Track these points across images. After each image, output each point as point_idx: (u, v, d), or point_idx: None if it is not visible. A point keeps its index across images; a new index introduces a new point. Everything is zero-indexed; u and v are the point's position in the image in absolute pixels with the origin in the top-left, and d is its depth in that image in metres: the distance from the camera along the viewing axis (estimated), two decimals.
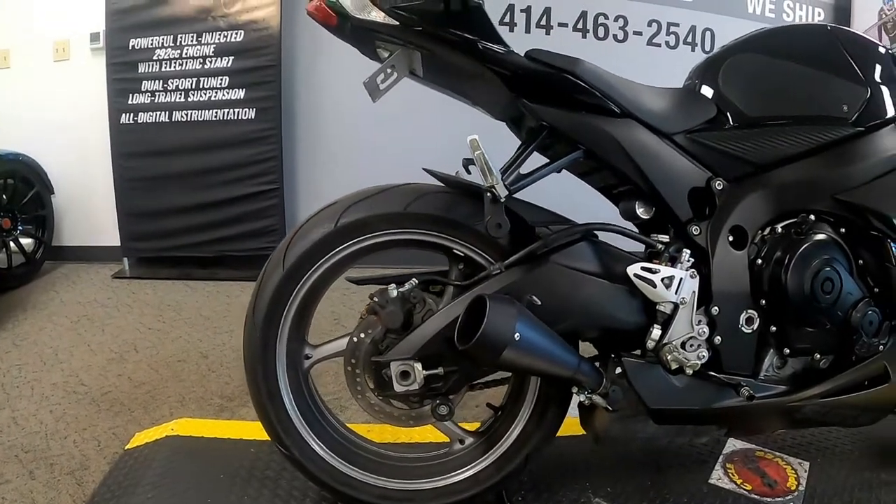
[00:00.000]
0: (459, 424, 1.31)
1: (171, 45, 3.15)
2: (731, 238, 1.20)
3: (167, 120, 3.14)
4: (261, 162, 3.08)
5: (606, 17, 3.63)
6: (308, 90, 3.39)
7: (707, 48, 3.73)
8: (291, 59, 3.32)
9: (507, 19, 3.42)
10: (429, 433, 1.42)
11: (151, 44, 3.16)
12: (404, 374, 1.07)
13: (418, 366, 1.07)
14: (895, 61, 1.31)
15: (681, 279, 1.15)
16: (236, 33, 3.09)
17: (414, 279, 1.13)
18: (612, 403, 1.15)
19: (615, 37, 3.64)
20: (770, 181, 1.23)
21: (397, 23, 1.04)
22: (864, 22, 3.83)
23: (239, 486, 1.35)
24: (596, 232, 1.20)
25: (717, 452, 1.56)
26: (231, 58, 3.10)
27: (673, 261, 1.18)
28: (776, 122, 1.24)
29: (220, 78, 3.10)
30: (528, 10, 3.46)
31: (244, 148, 3.09)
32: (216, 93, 3.10)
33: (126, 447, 1.57)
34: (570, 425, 1.29)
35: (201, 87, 3.12)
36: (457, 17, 1.03)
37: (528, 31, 3.45)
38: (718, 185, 1.22)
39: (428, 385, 1.08)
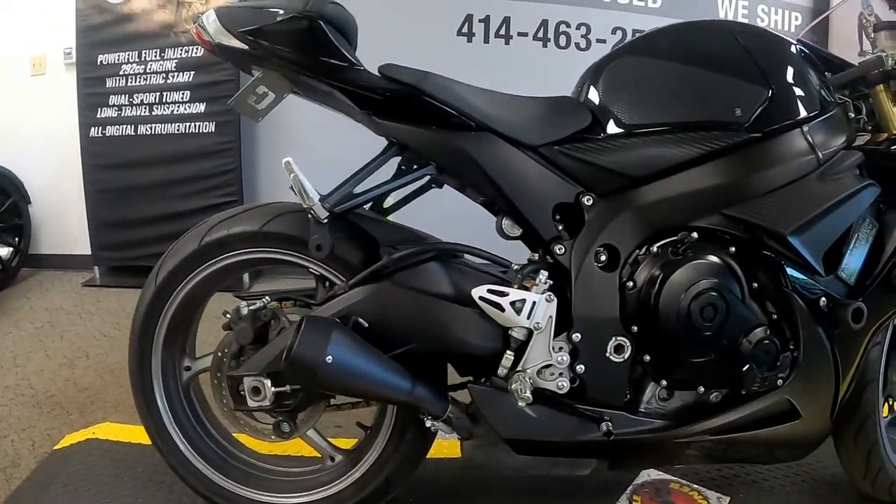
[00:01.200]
0: (331, 441, 1.32)
1: (136, 60, 3.27)
2: (599, 258, 1.12)
3: (133, 133, 3.26)
4: (221, 174, 3.19)
5: (568, 26, 3.63)
6: None
7: None
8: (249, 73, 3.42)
9: (465, 30, 3.46)
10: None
11: (118, 59, 3.28)
12: (255, 390, 1.12)
13: (268, 382, 1.10)
14: (808, 56, 1.22)
15: (534, 302, 1.08)
16: (196, 48, 3.19)
17: (267, 297, 1.17)
18: (460, 431, 1.12)
19: (577, 45, 3.62)
20: (648, 195, 1.13)
21: (246, 47, 1.08)
22: (843, 25, 3.78)
23: (137, 489, 1.45)
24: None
25: (629, 481, 1.47)
26: (192, 72, 3.21)
27: (528, 283, 1.12)
28: (657, 130, 1.14)
29: (181, 92, 3.21)
30: (486, 20, 3.50)
31: (205, 160, 3.19)
32: (178, 107, 3.21)
33: (54, 448, 1.68)
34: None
35: (164, 101, 3.23)
36: (297, 36, 1.06)
37: (486, 41, 3.48)
38: (588, 200, 1.13)
39: (278, 402, 1.11)
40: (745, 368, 1.12)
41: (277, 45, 1.07)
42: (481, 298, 1.07)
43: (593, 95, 1.20)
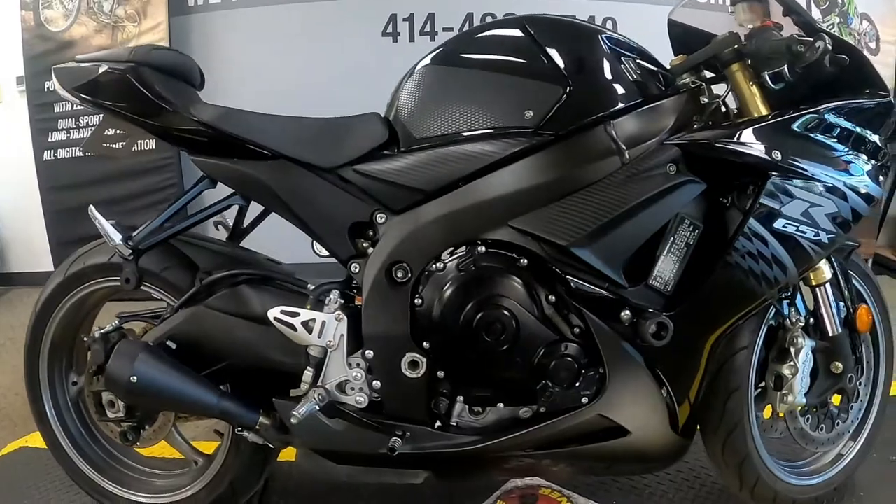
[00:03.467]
0: (193, 445, 1.43)
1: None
2: (390, 275, 1.11)
3: (82, 155, 3.44)
4: (163, 189, 3.36)
5: (494, 17, 3.72)
6: None
7: None
8: None
9: (389, 30, 3.56)
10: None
11: None
12: (111, 403, 1.28)
13: None
14: (621, 43, 1.16)
15: (324, 322, 1.11)
16: None
17: (117, 320, 1.29)
18: (271, 441, 1.20)
19: None
20: (438, 209, 1.11)
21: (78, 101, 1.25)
22: None
23: (51, 493, 1.62)
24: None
25: (499, 485, 1.45)
26: None
27: (320, 303, 1.15)
28: (447, 142, 1.12)
29: None
30: (410, 18, 3.60)
31: (148, 177, 3.37)
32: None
33: None
34: None
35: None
36: (113, 88, 1.20)
37: (412, 39, 3.58)
38: (380, 217, 1.13)
39: (130, 414, 1.26)
40: (538, 386, 1.10)
41: (99, 98, 1.23)
42: (276, 319, 1.12)
43: (392, 110, 1.20)
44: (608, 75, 1.12)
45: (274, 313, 1.12)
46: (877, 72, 1.23)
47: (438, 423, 1.15)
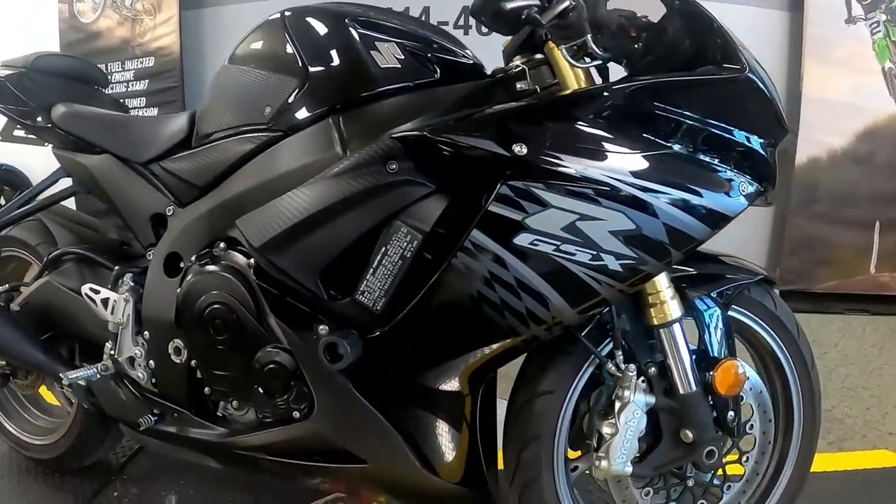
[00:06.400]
0: (69, 397, 1.50)
1: (105, 71, 3.81)
2: (165, 265, 1.18)
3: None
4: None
5: None
6: None
7: None
8: (196, 80, 3.80)
9: None
10: None
11: None
12: None
13: None
14: (375, 27, 1.04)
15: (114, 301, 1.22)
16: (148, 59, 3.70)
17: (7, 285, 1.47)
18: (81, 400, 1.34)
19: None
20: (204, 205, 1.15)
21: None
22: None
23: None
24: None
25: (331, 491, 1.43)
26: (146, 81, 3.72)
27: (118, 284, 1.25)
28: (217, 139, 1.14)
29: (139, 98, 3.73)
30: (406, 12, 3.79)
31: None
32: (137, 112, 3.73)
33: None
34: None
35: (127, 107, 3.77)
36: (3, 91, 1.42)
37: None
38: (169, 210, 1.21)
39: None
40: (251, 391, 1.07)
41: None
42: (86, 294, 1.23)
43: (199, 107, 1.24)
44: (347, 64, 1.02)
45: (84, 289, 1.24)
46: (732, 39, 0.94)
47: (197, 410, 1.19)
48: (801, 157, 2.97)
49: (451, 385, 1.02)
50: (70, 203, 1.61)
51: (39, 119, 1.42)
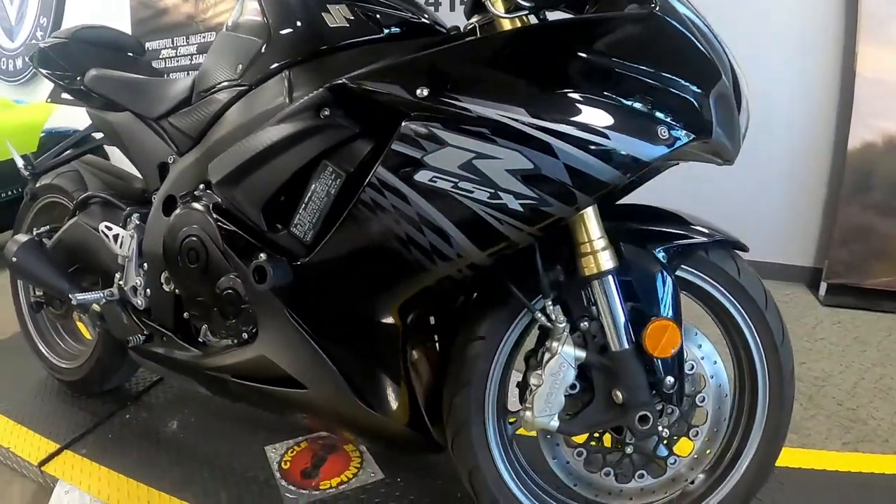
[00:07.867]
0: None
1: (171, 45, 4.07)
2: (162, 205, 1.32)
3: None
4: None
5: None
6: None
7: None
8: None
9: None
10: None
11: (158, 45, 4.11)
12: None
13: None
14: None
15: (122, 237, 1.39)
16: (211, 34, 3.92)
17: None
18: (93, 324, 1.55)
19: None
20: (194, 154, 1.28)
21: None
22: None
23: None
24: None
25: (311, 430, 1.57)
26: None
27: (126, 222, 1.42)
28: (205, 95, 1.27)
29: None
30: None
31: None
32: None
33: None
34: None
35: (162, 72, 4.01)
36: (47, 59, 1.61)
37: (452, 9, 3.78)
38: (171, 159, 1.37)
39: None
40: (211, 313, 1.21)
41: (42, 68, 1.65)
42: (101, 231, 1.42)
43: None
44: (302, 25, 1.11)
45: (101, 227, 1.44)
46: None
47: (182, 335, 1.33)
48: (854, 141, 2.77)
49: (381, 317, 1.07)
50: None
51: (77, 82, 1.59)
